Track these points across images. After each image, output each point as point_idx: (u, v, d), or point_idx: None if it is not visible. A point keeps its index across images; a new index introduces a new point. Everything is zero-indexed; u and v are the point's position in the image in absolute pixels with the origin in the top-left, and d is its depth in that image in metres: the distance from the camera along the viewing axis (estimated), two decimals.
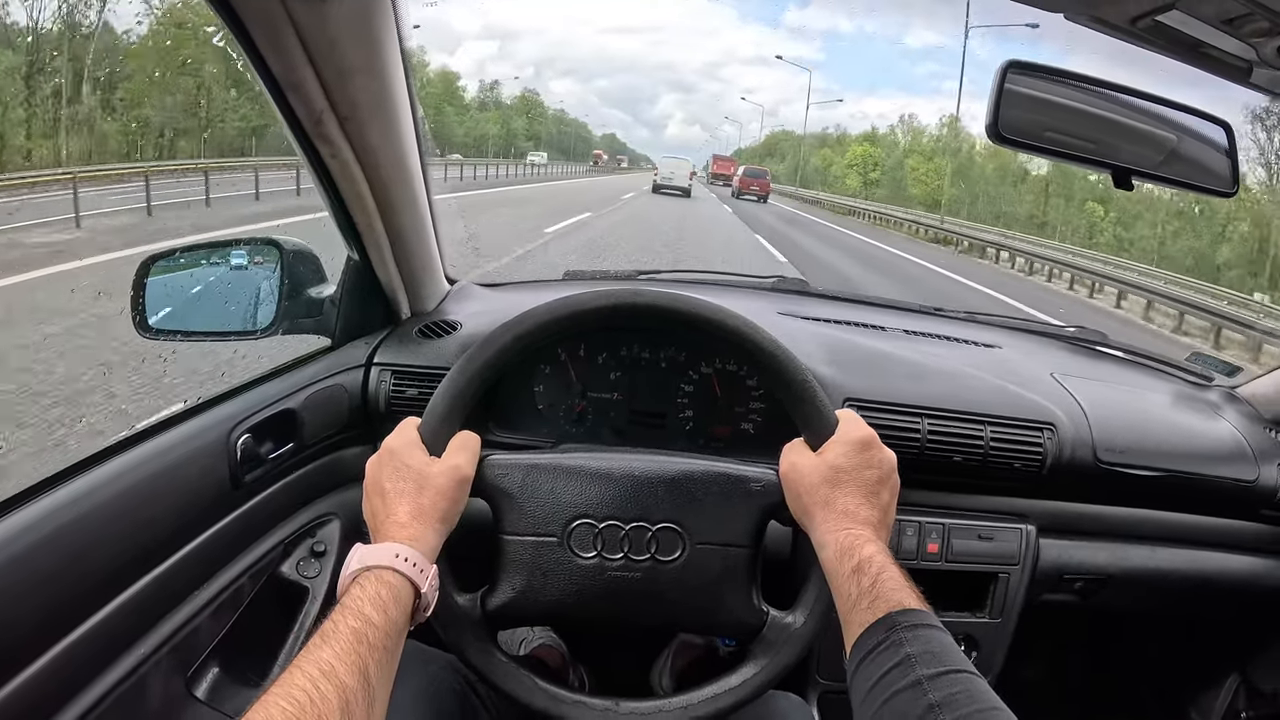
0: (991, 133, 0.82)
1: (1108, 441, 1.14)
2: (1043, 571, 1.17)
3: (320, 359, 1.08)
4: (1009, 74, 0.83)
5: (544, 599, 0.79)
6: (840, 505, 0.73)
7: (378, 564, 0.66)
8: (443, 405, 0.78)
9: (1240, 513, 1.24)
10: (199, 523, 0.86)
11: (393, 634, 0.62)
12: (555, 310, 0.81)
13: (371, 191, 0.94)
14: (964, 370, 1.20)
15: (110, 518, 0.75)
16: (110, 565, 0.75)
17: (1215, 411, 1.30)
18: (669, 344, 1.09)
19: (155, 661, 0.80)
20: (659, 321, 0.84)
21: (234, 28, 0.71)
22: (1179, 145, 0.92)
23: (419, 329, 1.13)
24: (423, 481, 0.73)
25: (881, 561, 0.68)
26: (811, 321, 1.32)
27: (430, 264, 1.15)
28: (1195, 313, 11.22)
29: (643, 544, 0.79)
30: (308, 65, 0.75)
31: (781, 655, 0.79)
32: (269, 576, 0.99)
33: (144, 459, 0.81)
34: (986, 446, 1.09)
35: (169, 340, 1.03)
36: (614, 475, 0.80)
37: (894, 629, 0.62)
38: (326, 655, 0.56)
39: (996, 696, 0.57)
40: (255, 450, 0.93)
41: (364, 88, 0.82)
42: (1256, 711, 1.39)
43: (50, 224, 6.32)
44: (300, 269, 1.07)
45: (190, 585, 0.85)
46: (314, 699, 0.52)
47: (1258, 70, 0.87)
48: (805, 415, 0.79)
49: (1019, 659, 1.18)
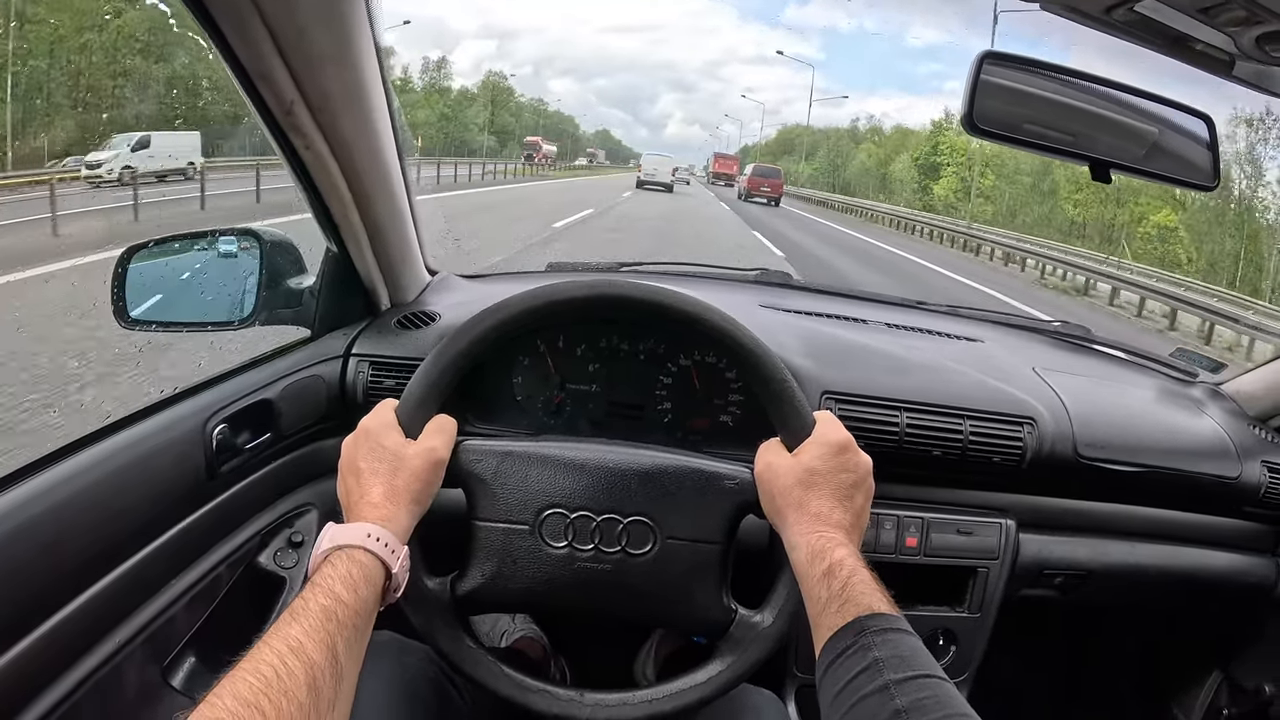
0: (967, 124, 0.82)
1: (1088, 437, 1.14)
2: (1022, 566, 1.16)
3: (298, 350, 1.07)
4: (985, 65, 0.82)
5: (513, 586, 0.80)
6: (813, 508, 0.73)
7: (349, 543, 0.66)
8: (420, 388, 0.78)
9: (1222, 509, 1.24)
10: (174, 513, 0.86)
11: (363, 613, 0.63)
12: (535, 298, 0.81)
13: (347, 183, 0.94)
14: (944, 364, 1.20)
15: (84, 508, 0.75)
16: (83, 555, 0.75)
17: (1199, 408, 1.30)
18: (648, 336, 1.09)
19: (130, 651, 0.80)
20: (640, 314, 0.84)
21: (199, 15, 0.70)
22: (1160, 138, 0.92)
23: (398, 320, 1.13)
24: (397, 463, 0.73)
25: (852, 565, 0.68)
26: (793, 314, 1.31)
27: (409, 255, 1.14)
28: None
29: (614, 536, 0.79)
30: (276, 54, 0.75)
31: (748, 654, 0.79)
32: (246, 567, 0.99)
33: (118, 449, 0.81)
34: (965, 441, 1.09)
35: (147, 331, 1.02)
36: (588, 466, 0.81)
37: (863, 633, 0.62)
38: (295, 632, 0.56)
39: (965, 702, 0.58)
40: (232, 440, 0.93)
41: (335, 77, 0.81)
42: (1239, 708, 1.39)
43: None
44: (280, 260, 1.07)
45: (166, 575, 0.85)
46: (281, 674, 0.53)
47: (1240, 64, 0.86)
48: (783, 415, 0.79)
49: (999, 654, 1.18)
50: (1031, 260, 16.43)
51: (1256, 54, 0.82)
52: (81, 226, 4.41)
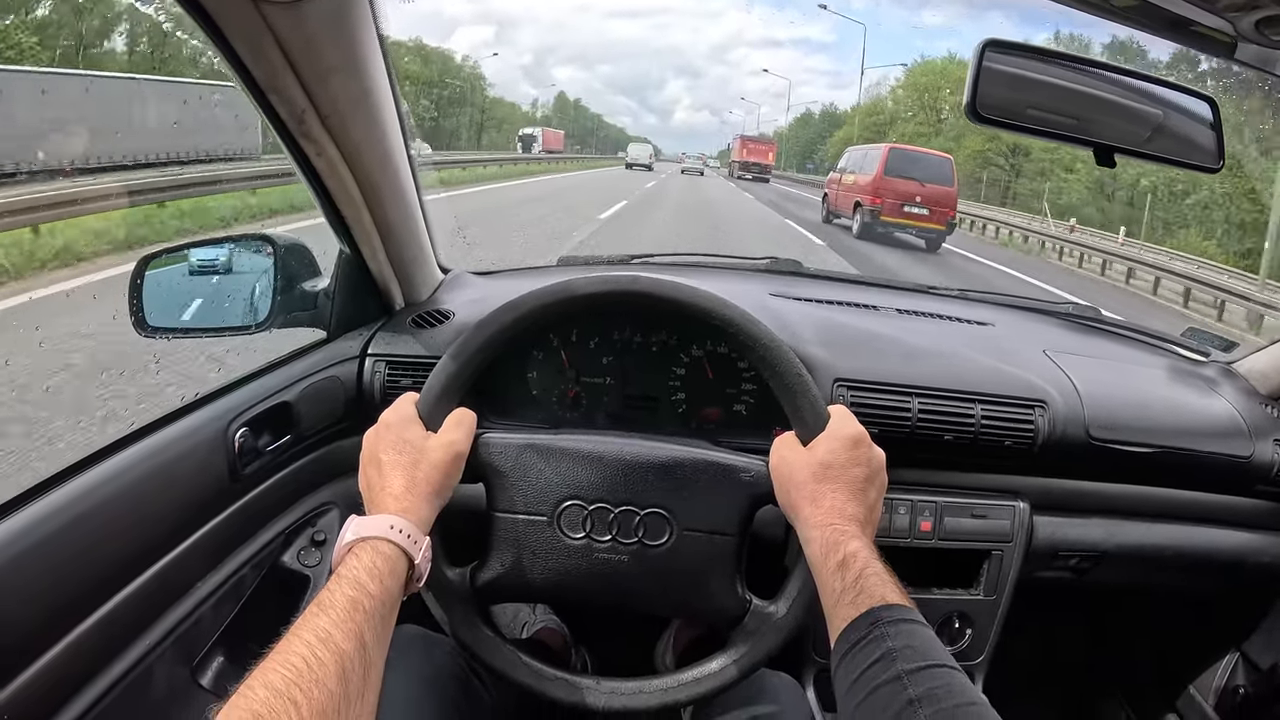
0: (970, 112, 0.82)
1: (1100, 418, 1.14)
2: (1036, 549, 1.17)
3: (315, 352, 1.09)
4: (987, 53, 0.82)
5: (532, 577, 0.81)
6: (827, 501, 0.74)
7: (372, 535, 0.68)
8: (440, 383, 0.80)
9: (1235, 488, 1.24)
10: (200, 516, 0.88)
11: (388, 603, 0.64)
12: (554, 293, 0.83)
13: (359, 186, 0.95)
14: (955, 349, 1.21)
15: (112, 514, 0.77)
16: (113, 560, 0.76)
17: (1211, 387, 1.29)
18: (661, 328, 1.10)
19: (160, 653, 0.82)
20: (655, 309, 0.86)
21: (213, 36, 0.71)
22: (1164, 121, 0.92)
23: (413, 319, 1.14)
24: (418, 455, 0.75)
25: (866, 557, 0.69)
26: (803, 302, 1.32)
27: (421, 254, 1.16)
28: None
29: (631, 527, 0.81)
30: (288, 69, 0.76)
31: (762, 644, 0.81)
32: (271, 566, 1.01)
33: (143, 456, 0.83)
34: (978, 425, 1.10)
35: (166, 338, 1.04)
36: (605, 458, 0.82)
37: (876, 624, 0.64)
38: (323, 623, 0.58)
39: (977, 690, 0.59)
40: (253, 443, 0.95)
41: (343, 86, 0.82)
42: (1256, 687, 1.39)
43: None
44: (294, 263, 1.08)
45: (193, 577, 0.87)
46: (311, 665, 0.54)
47: (1242, 46, 0.86)
48: (797, 410, 0.80)
49: (1013, 637, 1.19)
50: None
51: (1256, 38, 0.82)
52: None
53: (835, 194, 14.56)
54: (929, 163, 13.33)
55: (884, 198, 12.39)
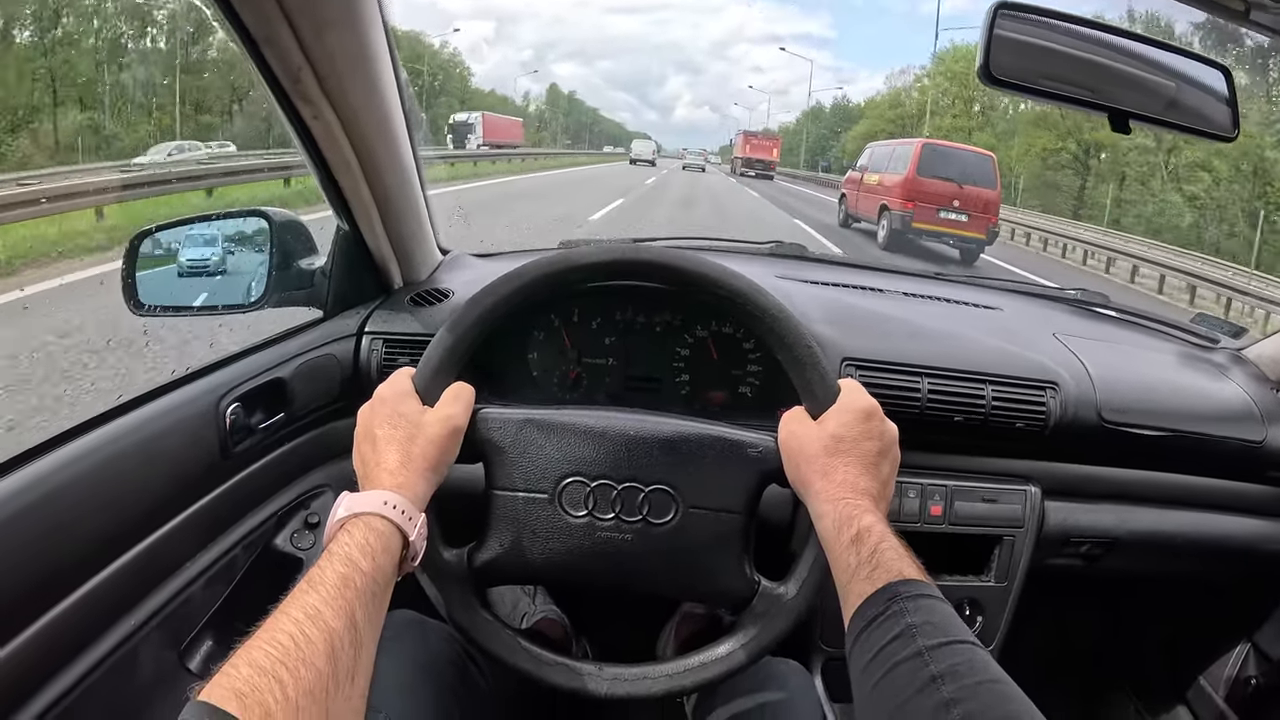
0: (983, 74, 0.81)
1: (1112, 401, 1.13)
2: (1048, 534, 1.15)
3: (311, 329, 1.07)
4: (999, 16, 0.81)
5: (532, 556, 0.78)
6: (839, 475, 0.71)
7: (365, 510, 0.65)
8: (438, 355, 0.77)
9: (1247, 474, 1.23)
10: (188, 494, 0.85)
11: (381, 581, 0.61)
12: (553, 264, 0.80)
13: (356, 155, 0.93)
14: (964, 330, 1.19)
15: (95, 487, 0.74)
16: (97, 536, 0.74)
17: (1221, 372, 1.28)
18: (664, 308, 1.07)
19: (147, 633, 0.79)
20: (659, 280, 0.82)
21: None
22: (1178, 90, 0.91)
23: (411, 298, 1.12)
24: (414, 430, 0.72)
25: (881, 531, 0.66)
26: (811, 284, 1.30)
27: (421, 232, 1.14)
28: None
29: (635, 505, 0.77)
30: (282, 18, 0.74)
31: (771, 626, 0.77)
32: (263, 549, 0.98)
33: (131, 427, 0.80)
34: (988, 406, 1.08)
35: (160, 316, 1.02)
36: (608, 434, 0.79)
37: (895, 599, 0.61)
38: (313, 600, 0.55)
39: (999, 668, 0.56)
40: (245, 420, 0.92)
41: (341, 42, 0.80)
42: (1267, 678, 1.38)
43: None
44: (290, 240, 1.06)
45: (181, 557, 0.85)
46: (299, 643, 0.51)
47: (1256, 11, 0.85)
48: (807, 382, 0.77)
49: (1024, 624, 1.17)
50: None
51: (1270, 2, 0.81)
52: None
53: (856, 195, 13.07)
54: (968, 161, 11.59)
55: (917, 201, 10.76)
